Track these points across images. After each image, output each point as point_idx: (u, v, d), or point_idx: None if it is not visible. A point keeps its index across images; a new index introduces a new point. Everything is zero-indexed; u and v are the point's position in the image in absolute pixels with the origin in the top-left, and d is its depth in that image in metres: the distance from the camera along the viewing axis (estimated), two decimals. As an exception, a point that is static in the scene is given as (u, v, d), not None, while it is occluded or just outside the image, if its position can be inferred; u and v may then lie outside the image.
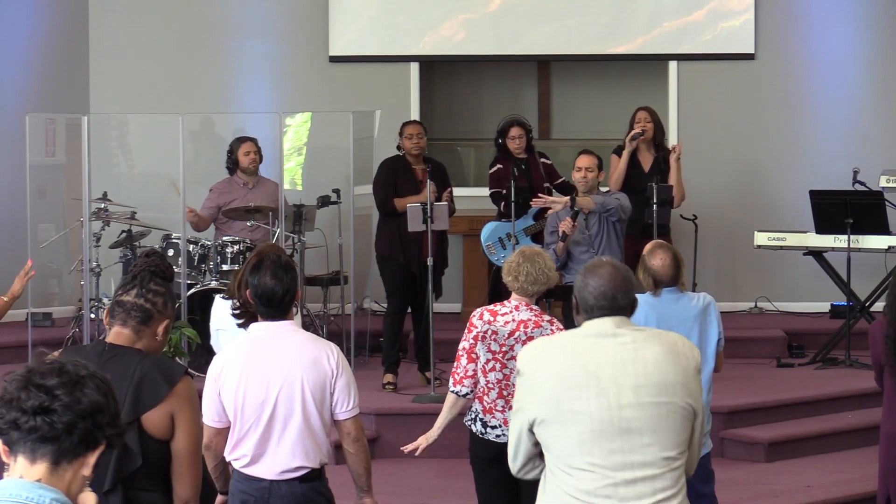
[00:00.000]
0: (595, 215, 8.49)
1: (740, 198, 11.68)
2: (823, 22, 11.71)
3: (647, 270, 6.33)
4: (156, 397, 4.05)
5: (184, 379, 4.14)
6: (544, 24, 11.79)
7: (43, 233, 10.67)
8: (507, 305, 6.19)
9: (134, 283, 4.18)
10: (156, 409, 4.04)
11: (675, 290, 6.35)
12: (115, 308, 4.18)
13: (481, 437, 6.15)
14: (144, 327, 4.16)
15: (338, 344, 5.27)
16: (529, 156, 9.88)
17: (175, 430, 4.09)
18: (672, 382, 4.07)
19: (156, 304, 4.17)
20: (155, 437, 4.05)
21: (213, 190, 10.30)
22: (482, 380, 6.16)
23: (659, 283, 6.32)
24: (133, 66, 11.86)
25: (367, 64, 11.88)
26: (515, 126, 9.85)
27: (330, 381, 4.99)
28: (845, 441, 8.83)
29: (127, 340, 4.14)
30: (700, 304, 6.37)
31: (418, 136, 9.55)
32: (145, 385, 4.04)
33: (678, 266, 6.35)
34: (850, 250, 9.97)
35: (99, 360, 4.07)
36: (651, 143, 9.87)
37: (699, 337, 6.31)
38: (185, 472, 4.12)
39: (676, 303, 6.33)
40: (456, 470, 7.98)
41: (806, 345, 10.52)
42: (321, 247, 10.61)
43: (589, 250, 8.45)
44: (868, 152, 11.40)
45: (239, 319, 5.19)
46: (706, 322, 6.36)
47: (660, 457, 4.04)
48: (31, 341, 9.93)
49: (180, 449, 4.11)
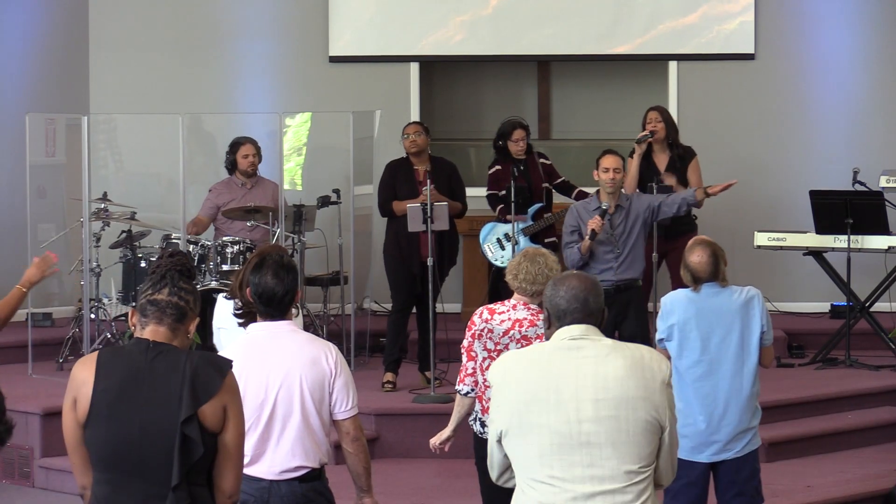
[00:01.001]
0: (620, 214, 8.45)
1: (740, 198, 11.66)
2: (823, 22, 11.71)
3: (685, 267, 6.37)
4: (212, 389, 4.07)
5: (230, 371, 4.17)
6: (544, 24, 11.78)
7: (43, 233, 10.66)
8: (506, 304, 6.21)
9: (164, 283, 4.19)
10: (211, 402, 4.07)
11: (716, 286, 6.35)
12: (149, 307, 4.17)
13: (481, 437, 6.15)
14: (180, 325, 4.18)
15: (338, 344, 5.28)
16: (528, 156, 9.88)
17: (226, 421, 4.10)
18: (633, 397, 4.09)
19: (188, 301, 4.20)
20: (209, 429, 4.07)
21: (212, 190, 10.33)
22: (480, 378, 6.17)
23: (698, 279, 6.35)
24: (133, 66, 11.86)
25: (367, 64, 11.88)
26: (519, 128, 9.85)
27: (328, 381, 4.99)
28: (845, 441, 8.84)
29: (164, 338, 4.15)
30: (742, 297, 6.37)
31: (415, 134, 9.54)
32: (200, 378, 4.07)
33: (717, 262, 6.36)
34: (850, 250, 9.96)
35: (145, 358, 4.08)
36: (665, 142, 9.84)
37: (740, 331, 6.31)
38: (232, 464, 4.14)
39: (716, 297, 6.34)
40: (456, 470, 7.98)
41: (806, 345, 10.52)
42: (321, 247, 10.61)
43: (613, 250, 8.41)
44: (868, 152, 11.40)
45: (241, 319, 5.19)
46: (748, 316, 6.35)
47: (621, 470, 4.06)
48: (31, 341, 9.92)
49: (230, 441, 4.12)
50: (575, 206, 8.73)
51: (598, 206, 8.46)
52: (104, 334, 9.96)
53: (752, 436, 6.35)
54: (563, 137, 12.73)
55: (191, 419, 4.02)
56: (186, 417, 4.01)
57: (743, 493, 6.34)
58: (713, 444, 6.27)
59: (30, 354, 9.87)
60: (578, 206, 8.66)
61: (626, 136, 9.90)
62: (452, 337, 9.26)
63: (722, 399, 6.27)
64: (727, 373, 6.29)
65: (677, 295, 6.49)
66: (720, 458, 6.31)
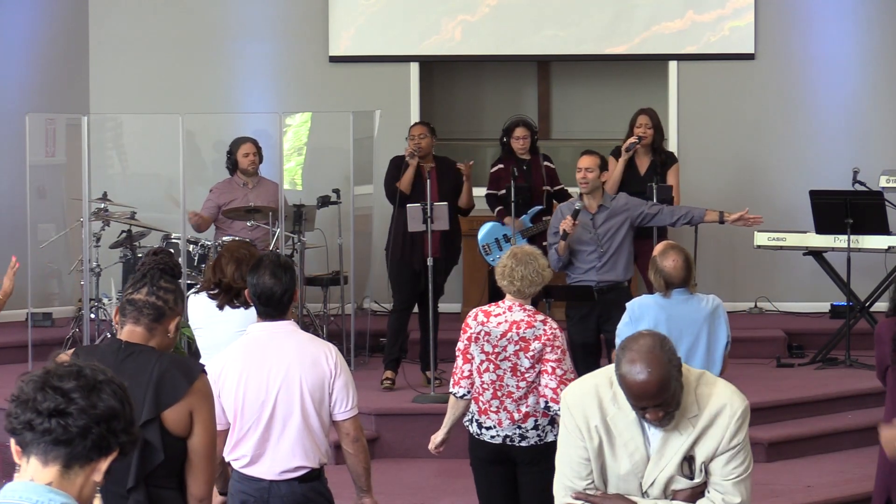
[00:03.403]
0: (604, 214, 8.41)
1: (740, 198, 11.66)
2: (823, 22, 11.71)
3: (658, 271, 6.33)
4: (176, 394, 4.07)
5: (201, 376, 4.17)
6: (544, 24, 11.79)
7: (43, 233, 10.67)
8: (500, 306, 6.17)
9: (144, 282, 4.20)
10: (176, 406, 4.07)
11: (685, 292, 6.35)
12: (127, 306, 4.18)
13: (477, 438, 6.15)
14: (157, 325, 4.18)
15: (338, 344, 5.29)
16: (533, 157, 9.87)
17: (193, 426, 4.11)
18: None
19: (167, 301, 4.19)
20: (174, 433, 4.08)
21: (214, 190, 10.32)
22: (477, 380, 6.16)
23: (670, 284, 6.32)
24: (133, 66, 11.87)
25: (367, 64, 11.88)
26: (521, 126, 9.84)
27: (328, 382, 4.99)
28: (845, 441, 8.83)
29: (140, 338, 4.15)
30: (709, 306, 6.38)
31: (419, 137, 9.52)
32: (165, 382, 4.07)
33: (689, 268, 6.35)
34: (850, 250, 9.96)
35: (115, 359, 4.09)
36: (649, 147, 9.82)
37: (707, 339, 6.31)
38: (201, 469, 4.14)
39: (686, 304, 6.33)
40: (456, 470, 7.98)
41: (806, 345, 10.52)
42: (321, 247, 10.61)
43: (596, 249, 8.37)
44: (868, 152, 11.40)
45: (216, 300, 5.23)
46: (715, 325, 6.36)
47: None
48: (31, 341, 9.93)
49: (198, 446, 4.12)
50: (560, 207, 8.73)
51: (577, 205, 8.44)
52: (104, 334, 9.96)
53: None
54: (563, 137, 12.73)
55: (151, 423, 4.02)
56: (146, 421, 4.01)
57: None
58: None
59: (30, 354, 9.88)
60: (562, 207, 8.65)
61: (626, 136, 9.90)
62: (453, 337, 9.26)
63: None
64: None
65: (646, 300, 6.47)
66: None
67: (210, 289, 5.34)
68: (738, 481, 3.98)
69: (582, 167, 8.41)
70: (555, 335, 6.00)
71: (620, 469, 4.00)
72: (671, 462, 3.98)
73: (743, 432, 4.01)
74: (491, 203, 9.81)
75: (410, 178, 9.35)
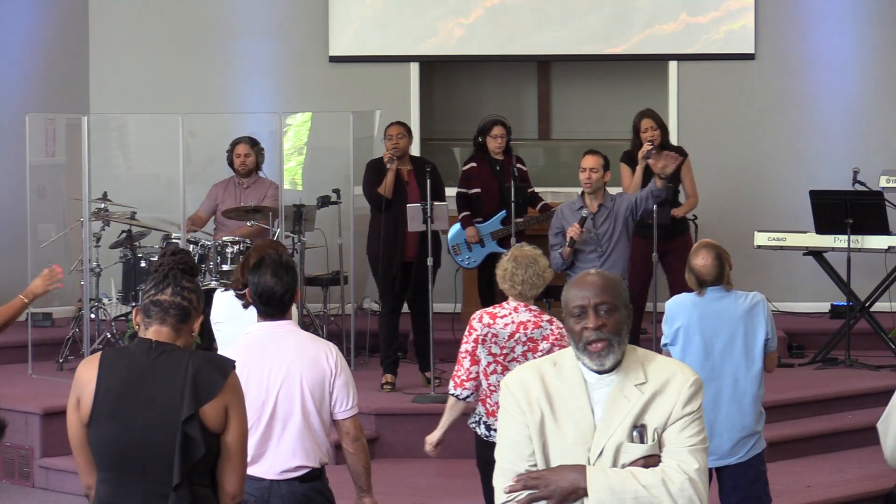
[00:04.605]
0: (604, 214, 8.41)
1: (740, 198, 11.68)
2: (823, 22, 11.71)
3: (690, 270, 6.34)
4: (213, 389, 4.07)
5: (233, 371, 4.17)
6: (544, 25, 11.78)
7: (43, 233, 10.66)
8: (505, 307, 6.18)
9: (167, 282, 4.18)
10: (213, 402, 4.07)
11: (720, 290, 6.33)
12: (152, 307, 4.17)
13: (486, 440, 6.15)
14: (183, 325, 4.18)
15: (338, 344, 5.28)
16: (506, 157, 9.83)
17: (228, 422, 4.10)
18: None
19: (191, 301, 4.20)
20: (211, 429, 4.07)
21: (212, 189, 10.35)
22: (484, 383, 6.16)
23: (702, 282, 6.32)
24: (133, 66, 11.87)
25: (367, 64, 11.88)
26: (499, 125, 9.81)
27: (329, 381, 4.99)
28: (845, 441, 8.83)
29: (167, 338, 4.15)
30: (747, 303, 6.34)
31: (398, 137, 9.38)
32: (202, 378, 4.07)
33: (722, 265, 6.34)
34: (850, 250, 9.96)
35: (147, 358, 4.09)
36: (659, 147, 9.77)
37: (744, 336, 6.29)
38: (234, 465, 4.13)
39: (720, 302, 6.31)
40: (456, 470, 7.98)
41: (806, 345, 10.52)
42: (321, 247, 10.61)
43: (596, 249, 8.37)
44: (868, 152, 11.40)
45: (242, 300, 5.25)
46: (752, 321, 6.33)
47: None
48: (31, 341, 9.92)
49: (233, 441, 4.12)
50: (560, 208, 8.68)
51: (581, 207, 8.40)
52: (104, 334, 9.96)
53: (757, 440, 6.33)
54: (563, 137, 12.73)
55: (192, 419, 4.03)
56: (187, 417, 4.01)
57: (748, 497, 6.31)
58: (715, 450, 6.23)
59: (30, 354, 9.88)
60: (563, 208, 8.61)
61: (627, 136, 9.86)
62: (452, 337, 9.26)
63: (724, 404, 6.25)
64: (730, 378, 6.27)
65: (681, 299, 6.47)
66: (723, 463, 6.28)
67: (238, 289, 5.33)
68: (694, 449, 3.82)
69: (586, 167, 8.39)
70: (562, 334, 6.01)
71: (567, 439, 3.83)
72: (619, 428, 3.79)
73: (697, 402, 3.89)
74: (460, 203, 9.74)
75: (391, 183, 9.29)
